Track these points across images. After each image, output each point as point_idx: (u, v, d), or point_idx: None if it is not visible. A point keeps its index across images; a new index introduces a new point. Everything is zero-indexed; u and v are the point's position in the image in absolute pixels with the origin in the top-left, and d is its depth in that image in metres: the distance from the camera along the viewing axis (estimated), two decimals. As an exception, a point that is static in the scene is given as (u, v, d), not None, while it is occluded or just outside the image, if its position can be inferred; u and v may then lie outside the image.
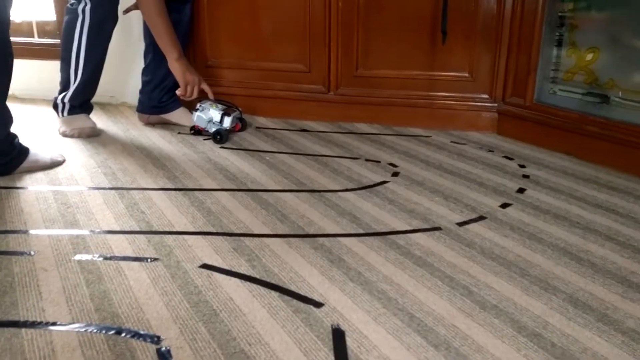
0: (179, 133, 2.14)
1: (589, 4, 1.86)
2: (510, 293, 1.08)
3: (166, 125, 2.24)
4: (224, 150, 1.94)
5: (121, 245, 1.26)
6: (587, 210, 1.45)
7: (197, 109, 2.07)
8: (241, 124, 2.15)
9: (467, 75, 2.14)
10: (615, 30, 1.77)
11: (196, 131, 2.11)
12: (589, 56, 1.85)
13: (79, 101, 2.10)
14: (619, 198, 1.53)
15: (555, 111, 1.94)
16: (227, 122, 2.04)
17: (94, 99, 2.23)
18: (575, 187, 1.61)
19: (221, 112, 2.05)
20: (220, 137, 2.00)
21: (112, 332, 0.95)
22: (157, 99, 2.21)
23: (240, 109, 2.16)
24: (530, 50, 1.99)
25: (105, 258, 1.20)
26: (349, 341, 0.93)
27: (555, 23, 1.94)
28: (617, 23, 1.77)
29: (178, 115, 2.23)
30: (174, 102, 2.23)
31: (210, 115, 2.05)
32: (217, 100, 2.11)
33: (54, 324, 0.98)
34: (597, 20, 1.84)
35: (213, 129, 2.03)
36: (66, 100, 2.07)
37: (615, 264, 1.19)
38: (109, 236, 1.30)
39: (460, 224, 1.37)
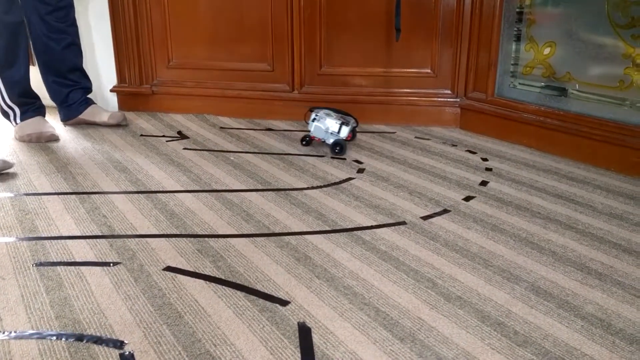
0: (141, 135, 2.10)
1: (545, 0, 1.90)
2: (474, 284, 1.09)
3: (128, 128, 2.20)
4: (188, 151, 1.92)
5: (82, 251, 1.23)
6: (547, 201, 1.48)
7: (314, 119, 1.92)
8: (353, 135, 2.00)
9: (429, 71, 2.16)
10: (570, 25, 1.81)
11: (308, 141, 1.98)
12: (547, 50, 1.89)
13: (23, 99, 2.04)
14: (578, 188, 1.57)
15: (515, 105, 1.97)
16: (345, 132, 1.89)
17: (51, 102, 2.19)
18: (536, 179, 1.64)
19: (339, 122, 1.90)
20: (340, 148, 1.87)
21: (73, 338, 0.93)
22: (61, 104, 2.20)
23: (355, 117, 2.00)
24: (490, 46, 2.02)
25: (66, 264, 1.17)
26: (316, 338, 0.93)
27: (513, 18, 1.97)
28: (572, 18, 1.81)
29: (90, 113, 2.20)
30: (84, 102, 2.20)
31: (327, 125, 1.90)
32: (331, 109, 1.97)
33: (12, 333, 0.95)
34: (554, 15, 1.88)
35: (331, 140, 1.89)
36: (8, 101, 2.02)
37: (575, 251, 1.22)
38: (69, 242, 1.27)
39: (425, 218, 1.39)
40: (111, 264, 1.17)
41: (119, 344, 0.91)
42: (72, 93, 2.18)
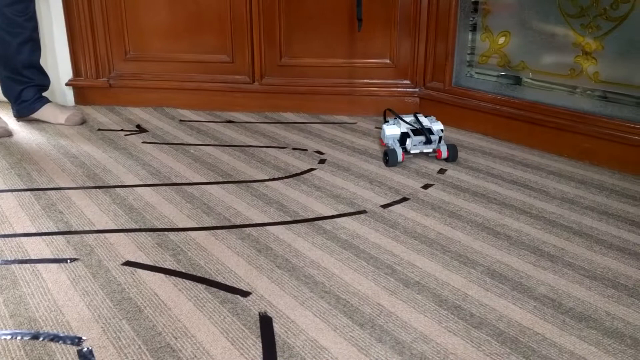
0: (98, 130, 2.06)
1: (499, -10, 1.94)
2: (432, 269, 1.12)
3: (85, 122, 2.15)
4: (147, 145, 1.89)
5: (38, 248, 1.20)
6: (503, 187, 1.52)
7: (387, 121, 1.78)
8: (449, 153, 1.70)
9: (388, 61, 2.18)
10: (524, 15, 1.85)
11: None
12: (501, 40, 1.93)
13: None
14: (533, 174, 1.62)
15: (472, 94, 2.01)
16: (409, 143, 1.70)
17: (3, 98, 2.12)
18: (492, 166, 1.68)
19: (406, 130, 1.72)
20: (387, 158, 1.69)
21: (29, 337, 0.91)
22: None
23: (442, 129, 1.74)
24: (447, 36, 2.05)
25: (21, 262, 1.14)
26: (277, 327, 0.94)
27: (469, 9, 2.01)
28: (525, 7, 1.85)
29: (45, 113, 2.13)
30: (38, 100, 2.14)
31: (394, 131, 1.73)
32: (427, 117, 1.78)
33: (-36, 333, 0.93)
34: (508, 5, 1.92)
35: (391, 148, 1.70)
36: None
37: (528, 235, 1.26)
38: (24, 239, 1.24)
39: (385, 206, 1.41)
40: (68, 261, 1.15)
41: (76, 341, 0.90)
42: (26, 90, 2.11)
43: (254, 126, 2.11)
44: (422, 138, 1.71)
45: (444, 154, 1.70)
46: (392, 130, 1.73)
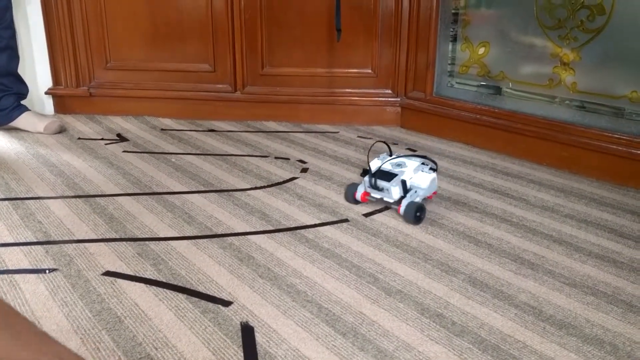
0: (78, 138, 2.04)
1: (478, 1, 1.96)
2: (413, 277, 1.12)
3: (65, 131, 2.13)
4: (127, 154, 1.87)
5: (16, 258, 1.18)
6: (484, 195, 1.54)
7: (378, 156, 1.50)
8: (413, 212, 1.33)
9: (370, 71, 2.19)
10: (502, 26, 1.88)
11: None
12: (481, 50, 1.96)
13: None
14: (513, 182, 1.63)
15: (453, 103, 2.03)
16: (364, 184, 1.43)
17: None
18: (473, 174, 1.70)
19: (368, 168, 1.44)
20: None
21: (6, 349, 0.89)
22: None
23: (423, 185, 1.39)
24: (427, 46, 2.07)
25: (-3, 273, 1.12)
26: (258, 336, 0.93)
27: (449, 19, 2.03)
28: (504, 19, 1.88)
29: (24, 122, 2.10)
30: (16, 109, 2.10)
31: (371, 165, 1.46)
32: (424, 162, 1.45)
33: (-62, 346, 0.90)
34: (487, 16, 1.95)
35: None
36: None
37: (509, 243, 1.27)
38: (1, 249, 1.22)
39: (367, 215, 1.41)
40: (47, 271, 1.13)
41: (54, 353, 0.89)
42: (4, 99, 2.08)
43: (236, 135, 2.10)
44: (405, 189, 1.38)
45: (401, 210, 1.35)
46: (374, 164, 1.46)
